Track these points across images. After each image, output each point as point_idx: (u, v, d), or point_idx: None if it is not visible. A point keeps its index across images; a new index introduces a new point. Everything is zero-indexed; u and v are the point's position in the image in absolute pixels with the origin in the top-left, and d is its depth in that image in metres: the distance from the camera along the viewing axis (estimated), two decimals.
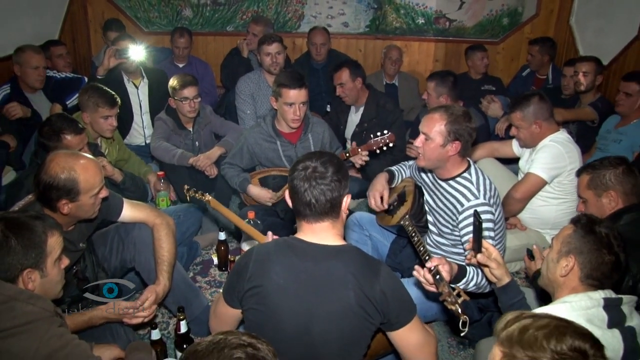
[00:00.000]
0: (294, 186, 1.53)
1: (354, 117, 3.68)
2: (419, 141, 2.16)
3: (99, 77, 3.48)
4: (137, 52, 3.66)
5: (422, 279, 1.74)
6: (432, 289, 1.73)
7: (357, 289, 1.47)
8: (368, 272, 1.51)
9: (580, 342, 1.04)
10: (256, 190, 2.90)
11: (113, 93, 2.96)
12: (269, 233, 1.95)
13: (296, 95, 2.76)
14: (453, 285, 1.88)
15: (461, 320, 1.54)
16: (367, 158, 2.84)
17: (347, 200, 1.57)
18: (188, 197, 2.62)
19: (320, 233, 1.55)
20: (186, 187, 2.60)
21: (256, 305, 1.52)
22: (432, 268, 1.70)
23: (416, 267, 1.76)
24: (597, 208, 2.08)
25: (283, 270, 1.51)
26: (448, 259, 1.86)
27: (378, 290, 1.49)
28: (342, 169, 1.55)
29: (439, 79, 3.20)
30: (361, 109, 3.62)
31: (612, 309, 1.47)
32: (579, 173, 2.20)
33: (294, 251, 1.54)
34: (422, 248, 2.04)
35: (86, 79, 3.73)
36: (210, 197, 2.55)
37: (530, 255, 1.90)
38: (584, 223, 1.55)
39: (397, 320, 1.54)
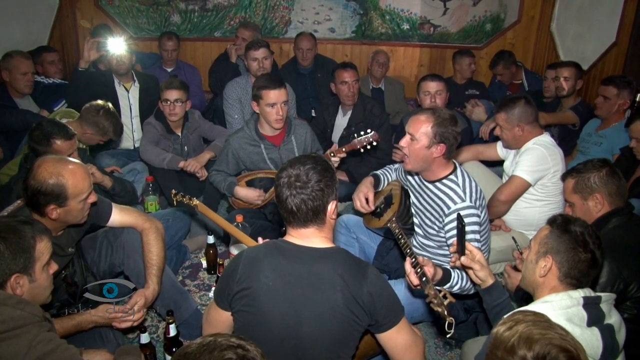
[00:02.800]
0: (277, 193, 1.55)
1: (342, 121, 3.72)
2: (404, 141, 2.18)
3: (81, 70, 3.48)
4: (115, 45, 3.64)
5: (409, 270, 1.77)
6: (418, 287, 1.76)
7: (345, 290, 1.49)
8: (356, 274, 1.53)
9: (551, 351, 1.09)
10: (244, 192, 2.91)
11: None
12: (259, 239, 1.95)
13: (277, 94, 2.77)
14: (439, 288, 1.91)
15: (447, 322, 1.55)
16: (336, 162, 2.86)
17: (332, 207, 1.57)
18: (175, 202, 2.62)
19: (307, 237, 1.57)
20: (173, 191, 2.60)
21: (245, 307, 1.54)
22: (419, 270, 1.73)
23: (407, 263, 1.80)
24: (584, 211, 2.10)
25: (272, 272, 1.53)
26: (434, 262, 1.89)
27: (365, 291, 1.51)
28: (326, 176, 1.54)
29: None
30: (349, 113, 3.66)
31: (591, 307, 1.51)
32: (563, 177, 2.21)
33: (282, 253, 1.56)
34: (408, 250, 2.07)
35: None
36: (197, 202, 2.55)
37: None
38: (559, 223, 1.58)
39: (385, 322, 1.56)
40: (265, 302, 1.51)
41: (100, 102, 3.02)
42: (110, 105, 3.03)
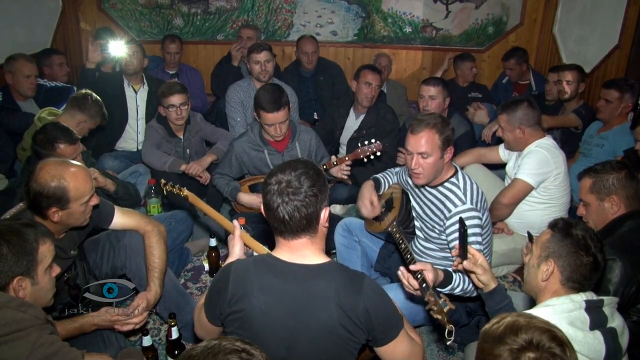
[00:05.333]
0: (267, 201, 1.46)
1: (353, 123, 3.71)
2: (414, 163, 2.14)
3: (88, 69, 3.53)
4: (116, 48, 3.68)
5: (406, 283, 1.76)
6: (417, 294, 1.74)
7: (340, 309, 1.43)
8: (351, 290, 1.45)
9: (535, 335, 1.14)
10: (247, 197, 2.92)
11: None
12: (234, 221, 1.85)
13: (273, 117, 2.75)
14: (439, 290, 1.91)
15: (447, 330, 1.54)
16: (347, 172, 2.86)
17: (325, 214, 1.48)
18: (165, 192, 2.54)
19: (298, 250, 1.48)
20: (163, 181, 2.47)
21: (239, 329, 1.49)
22: (419, 275, 1.71)
23: (401, 268, 1.77)
24: (598, 212, 2.10)
25: (263, 293, 1.45)
26: (435, 266, 1.88)
27: (361, 308, 1.44)
28: (319, 181, 1.46)
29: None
30: (362, 116, 3.66)
31: (593, 310, 1.50)
32: (580, 177, 2.19)
33: (273, 272, 1.47)
34: (409, 256, 2.06)
35: (75, 89, 3.75)
36: (188, 192, 2.45)
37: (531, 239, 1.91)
38: (560, 227, 1.58)
39: (382, 337, 1.51)
40: (258, 325, 1.46)
41: (82, 91, 3.08)
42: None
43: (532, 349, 1.12)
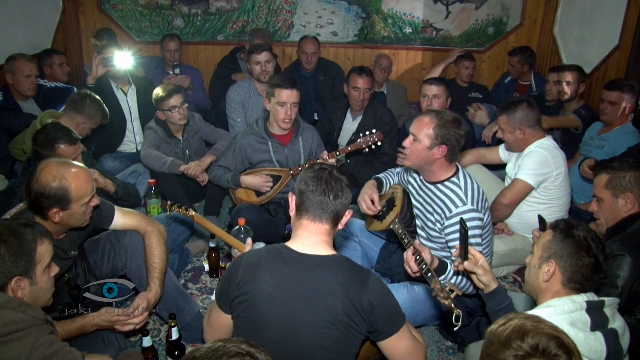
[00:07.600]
0: (314, 177, 1.57)
1: (351, 126, 3.71)
2: (407, 142, 2.21)
3: (90, 86, 3.50)
4: (123, 60, 3.68)
5: (407, 268, 1.84)
6: (417, 275, 1.83)
7: (345, 299, 1.49)
8: (357, 282, 1.52)
9: (542, 341, 1.12)
10: (250, 179, 2.94)
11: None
12: (249, 240, 1.97)
13: (289, 95, 2.83)
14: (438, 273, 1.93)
15: (454, 315, 1.55)
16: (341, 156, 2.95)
17: (348, 215, 1.63)
18: (169, 211, 2.55)
19: (317, 236, 1.57)
20: (169, 202, 2.51)
21: (245, 312, 1.54)
22: (418, 257, 1.79)
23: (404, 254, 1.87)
24: (612, 209, 2.11)
25: (272, 278, 1.52)
26: (433, 254, 1.94)
27: (366, 300, 1.50)
28: (351, 185, 1.62)
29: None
30: (359, 118, 3.66)
31: (594, 312, 1.50)
32: (597, 173, 2.22)
33: (284, 260, 1.55)
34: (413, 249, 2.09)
35: (75, 90, 3.74)
36: (194, 213, 2.45)
37: (543, 225, 1.91)
38: (562, 228, 1.58)
39: (385, 331, 1.56)
40: (264, 309, 1.51)
41: (82, 91, 3.10)
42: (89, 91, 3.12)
43: (537, 355, 1.11)
